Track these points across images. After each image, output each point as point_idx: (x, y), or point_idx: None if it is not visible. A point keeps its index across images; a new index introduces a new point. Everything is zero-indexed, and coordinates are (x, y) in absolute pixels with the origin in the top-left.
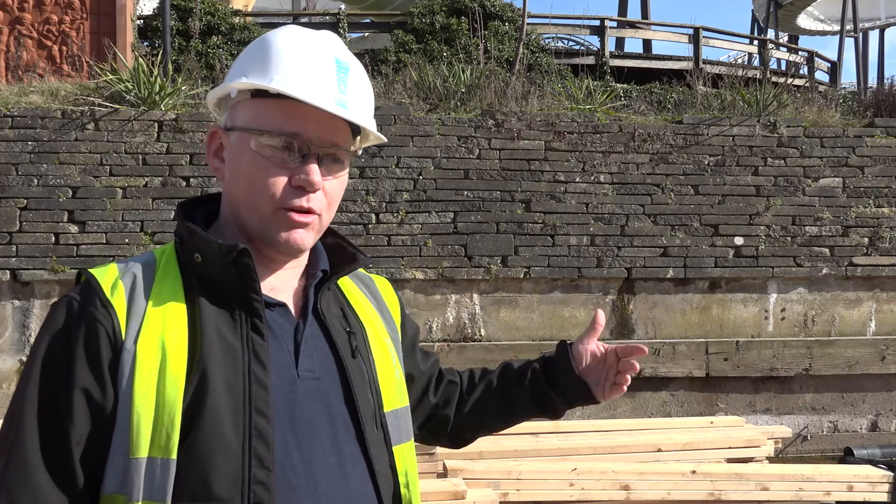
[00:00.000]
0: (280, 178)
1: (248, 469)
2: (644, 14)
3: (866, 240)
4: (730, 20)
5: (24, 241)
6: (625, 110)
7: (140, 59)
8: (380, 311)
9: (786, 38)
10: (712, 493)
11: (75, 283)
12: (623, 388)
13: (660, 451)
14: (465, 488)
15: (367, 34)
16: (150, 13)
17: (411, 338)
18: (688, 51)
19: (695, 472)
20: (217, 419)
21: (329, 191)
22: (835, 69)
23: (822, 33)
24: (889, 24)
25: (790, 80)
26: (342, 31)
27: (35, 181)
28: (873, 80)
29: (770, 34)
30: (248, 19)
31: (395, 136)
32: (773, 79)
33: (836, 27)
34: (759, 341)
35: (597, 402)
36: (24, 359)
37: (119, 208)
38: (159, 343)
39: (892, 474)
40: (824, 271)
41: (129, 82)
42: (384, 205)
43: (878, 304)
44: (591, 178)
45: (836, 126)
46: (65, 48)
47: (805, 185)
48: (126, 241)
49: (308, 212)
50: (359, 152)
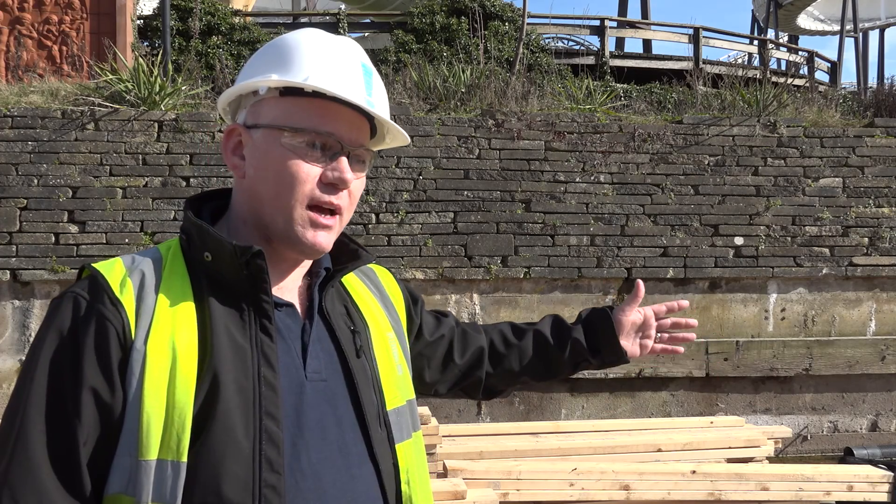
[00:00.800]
0: (312, 174)
1: (258, 473)
2: (644, 14)
3: (866, 240)
4: (730, 20)
5: (24, 241)
6: (625, 110)
7: (140, 59)
8: (384, 304)
9: (786, 38)
10: (712, 493)
11: (78, 279)
12: (672, 348)
13: (660, 451)
14: (465, 488)
15: (367, 34)
16: (150, 13)
17: (419, 316)
18: (688, 51)
19: (695, 472)
20: (229, 422)
21: (353, 190)
22: (835, 69)
23: (822, 33)
24: (889, 24)
25: (790, 80)
26: (342, 31)
27: (35, 181)
28: (873, 80)
29: (770, 34)
30: (248, 19)
31: None
32: (773, 79)
33: (836, 27)
34: (759, 341)
35: (626, 361)
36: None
37: (119, 208)
38: (170, 343)
39: (892, 474)
40: (824, 271)
41: (129, 82)
42: (384, 205)
43: (878, 304)
44: (591, 178)
45: (836, 126)
46: (65, 48)
47: (805, 185)
48: (126, 241)
49: (333, 213)
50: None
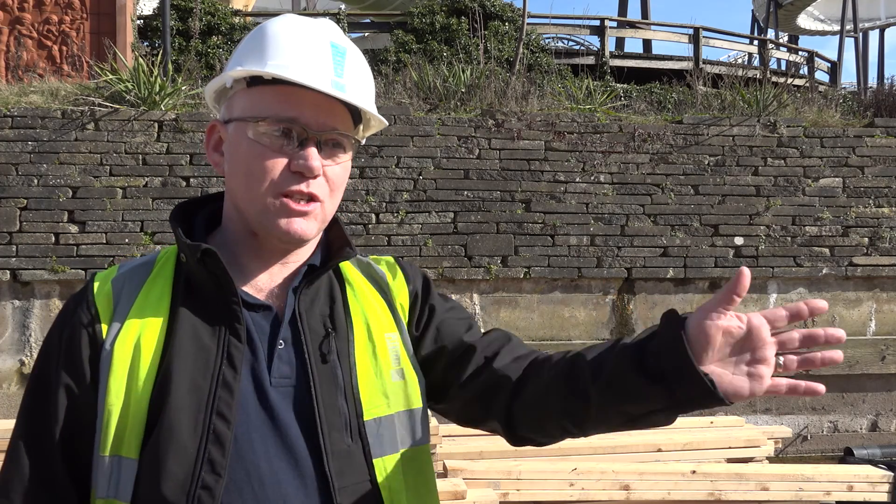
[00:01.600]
0: (278, 164)
1: (198, 473)
2: (644, 14)
3: (866, 240)
4: (730, 20)
5: (24, 241)
6: (625, 110)
7: (140, 59)
8: (387, 303)
9: (786, 38)
10: (712, 493)
11: None
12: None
13: (660, 451)
14: (465, 488)
15: (367, 34)
16: (150, 13)
17: (427, 306)
18: (688, 51)
19: (695, 472)
20: (175, 421)
21: (331, 177)
22: (835, 69)
23: (822, 33)
24: (889, 24)
25: (790, 80)
26: (342, 32)
27: (35, 181)
28: (873, 80)
29: (770, 34)
30: (248, 19)
31: (395, 136)
32: (773, 79)
33: (836, 27)
34: None
35: (724, 403)
36: (24, 359)
37: (119, 208)
38: (134, 343)
39: (892, 474)
40: (824, 271)
41: (129, 82)
42: (384, 205)
43: (878, 304)
44: (591, 178)
45: (836, 126)
46: (65, 48)
47: (805, 185)
48: (126, 241)
49: (309, 199)
50: (363, 141)
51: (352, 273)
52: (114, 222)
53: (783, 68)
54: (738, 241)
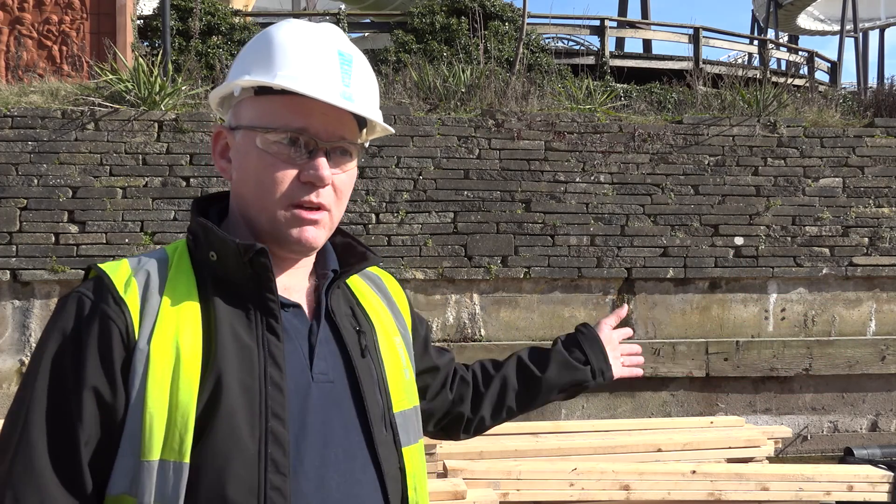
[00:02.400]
0: (288, 175)
1: (264, 475)
2: (644, 14)
3: (866, 240)
4: (730, 20)
5: (24, 241)
6: (625, 110)
7: (140, 59)
8: (390, 309)
9: (786, 38)
10: (712, 493)
11: (84, 279)
12: (636, 372)
13: (660, 451)
14: (465, 488)
15: (367, 34)
16: (150, 13)
17: (423, 335)
18: (688, 51)
19: (695, 472)
20: (233, 423)
21: (338, 185)
22: (835, 69)
23: (822, 33)
24: (889, 24)
25: (790, 80)
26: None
27: (35, 181)
28: (873, 80)
29: (770, 34)
30: (248, 19)
31: (395, 136)
32: (773, 79)
33: (836, 27)
34: (759, 341)
35: (612, 379)
36: (24, 359)
37: (119, 208)
38: (173, 343)
39: (892, 474)
40: (824, 271)
41: (129, 82)
42: (384, 205)
43: (878, 304)
44: (591, 178)
45: (836, 126)
46: (65, 48)
47: (805, 185)
48: (126, 241)
49: (318, 208)
50: (366, 144)
51: (354, 278)
52: (114, 222)
53: (783, 68)
54: (738, 241)
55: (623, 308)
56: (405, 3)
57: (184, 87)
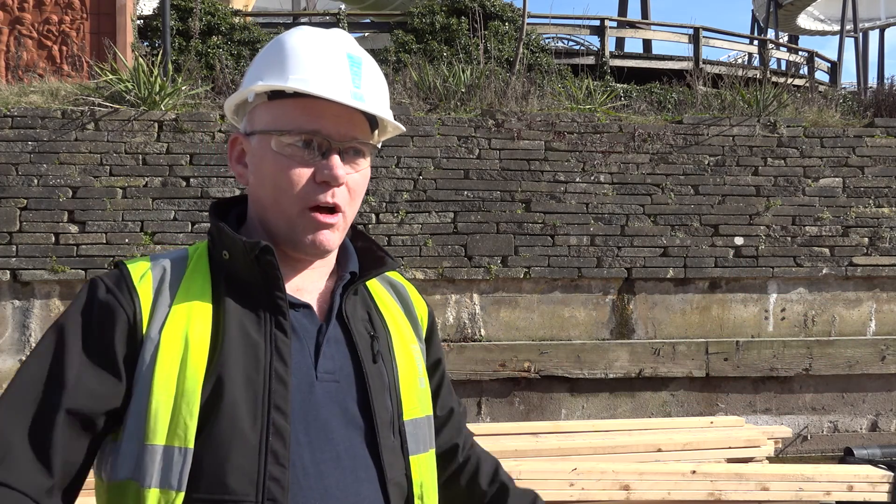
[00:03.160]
0: (304, 175)
1: (264, 465)
2: (644, 14)
3: (866, 240)
4: (730, 20)
5: (24, 241)
6: (625, 110)
7: (140, 59)
8: (409, 318)
9: (786, 38)
10: (712, 493)
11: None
12: None
13: (660, 451)
14: None
15: (367, 34)
16: (150, 13)
17: (434, 360)
18: (688, 51)
19: (695, 472)
20: (235, 414)
21: (352, 185)
22: (835, 69)
23: (822, 33)
24: (889, 24)
25: (790, 80)
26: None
27: (35, 181)
28: (873, 80)
29: (770, 34)
30: (248, 19)
31: (396, 136)
32: (773, 79)
33: (836, 27)
34: (759, 341)
35: None
36: (24, 359)
37: (119, 208)
38: (183, 335)
39: (892, 474)
40: (824, 271)
41: (129, 82)
42: (384, 205)
43: (878, 304)
44: (591, 178)
45: (836, 126)
46: (65, 48)
47: (805, 185)
48: (126, 241)
49: (333, 211)
50: (379, 145)
51: (375, 284)
52: (114, 222)
53: (783, 68)
54: (738, 241)
55: None
56: (405, 3)
57: (184, 87)
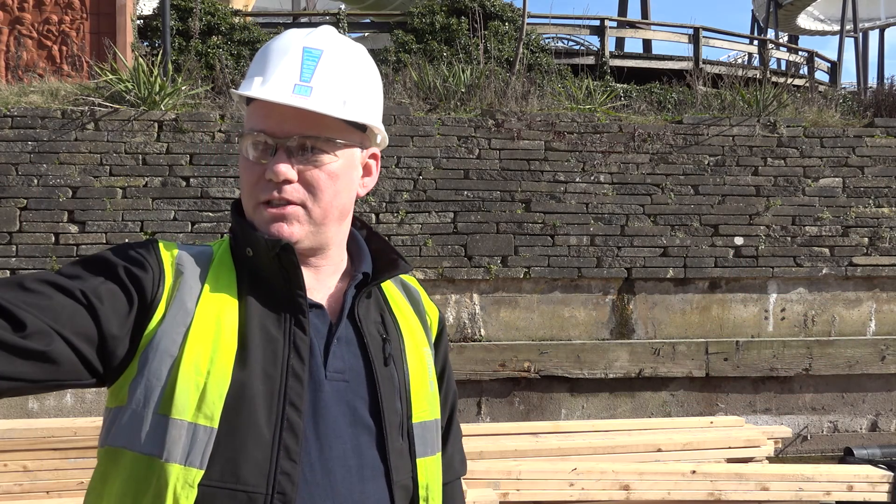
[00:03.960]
0: (255, 174)
1: (276, 459)
2: (644, 14)
3: (866, 240)
4: (730, 20)
5: (24, 241)
6: (625, 110)
7: (140, 59)
8: (422, 322)
9: (786, 38)
10: (712, 493)
11: None
12: None
13: (660, 451)
14: (466, 488)
15: (367, 34)
16: (150, 13)
17: (439, 370)
18: (688, 51)
19: (695, 472)
20: (252, 408)
21: (311, 181)
22: (835, 69)
23: (822, 33)
24: (889, 24)
25: (790, 80)
26: (342, 32)
27: (35, 181)
28: (873, 80)
29: (770, 34)
30: (248, 19)
31: (395, 136)
32: (773, 79)
33: (836, 27)
34: (759, 341)
35: None
36: None
37: (119, 208)
38: (216, 318)
39: (892, 474)
40: (824, 271)
41: (129, 82)
42: (384, 205)
43: (878, 304)
44: (591, 178)
45: (836, 126)
46: (65, 48)
47: (805, 185)
48: (126, 241)
49: (287, 203)
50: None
51: (389, 286)
52: (114, 222)
53: (783, 68)
54: (738, 241)
55: None
56: (405, 3)
57: (184, 87)
